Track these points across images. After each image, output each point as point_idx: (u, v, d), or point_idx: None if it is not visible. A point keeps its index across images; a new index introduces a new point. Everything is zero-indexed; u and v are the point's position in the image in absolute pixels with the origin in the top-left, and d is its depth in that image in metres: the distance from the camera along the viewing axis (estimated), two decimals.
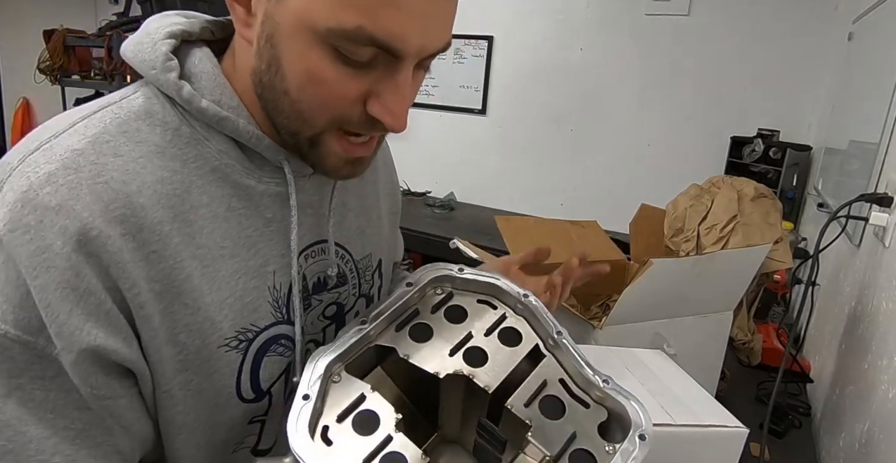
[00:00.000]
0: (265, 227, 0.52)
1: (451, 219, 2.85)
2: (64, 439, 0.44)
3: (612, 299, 1.13)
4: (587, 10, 2.71)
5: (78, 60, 3.83)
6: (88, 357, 0.43)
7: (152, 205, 0.45)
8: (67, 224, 0.41)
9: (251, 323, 0.51)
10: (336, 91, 0.45)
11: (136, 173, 0.45)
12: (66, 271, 0.41)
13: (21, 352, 0.42)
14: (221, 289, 0.49)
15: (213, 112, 0.47)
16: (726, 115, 2.49)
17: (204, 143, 0.48)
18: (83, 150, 0.44)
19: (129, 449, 0.48)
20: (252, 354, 0.51)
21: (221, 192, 0.49)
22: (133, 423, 0.48)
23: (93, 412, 0.45)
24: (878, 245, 1.03)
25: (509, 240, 1.09)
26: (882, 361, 0.88)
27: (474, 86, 3.04)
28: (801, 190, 2.23)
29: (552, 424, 0.44)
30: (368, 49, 0.42)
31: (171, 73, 0.47)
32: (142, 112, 0.47)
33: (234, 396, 0.51)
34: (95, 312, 0.42)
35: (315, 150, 0.49)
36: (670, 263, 0.88)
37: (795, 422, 1.15)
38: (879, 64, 1.35)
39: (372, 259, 0.65)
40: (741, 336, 1.17)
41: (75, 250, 0.41)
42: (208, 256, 0.48)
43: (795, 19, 2.32)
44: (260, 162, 0.51)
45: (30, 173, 0.42)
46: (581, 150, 2.85)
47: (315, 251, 0.57)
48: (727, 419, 0.62)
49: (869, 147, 1.24)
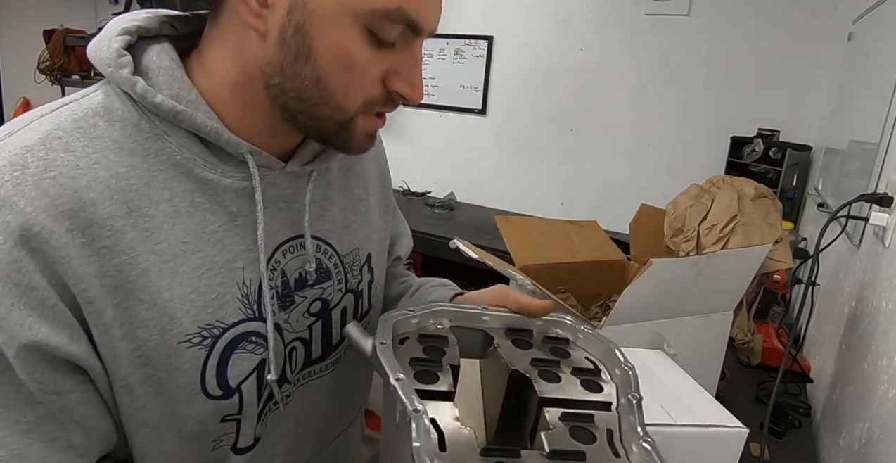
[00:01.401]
0: (231, 221, 0.51)
1: (451, 219, 2.85)
2: (15, 433, 0.44)
3: (612, 299, 1.13)
4: (587, 10, 2.71)
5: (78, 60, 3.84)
6: (31, 352, 0.43)
7: (104, 200, 0.45)
8: (10, 219, 0.41)
9: (217, 319, 0.50)
10: (365, 72, 0.47)
11: (87, 169, 0.45)
12: (8, 266, 0.41)
13: None
14: (182, 284, 0.48)
15: (169, 106, 0.47)
16: (726, 115, 2.49)
17: (164, 139, 0.48)
18: (32, 146, 0.44)
19: (84, 444, 0.48)
20: (219, 351, 0.51)
21: (184, 187, 0.49)
22: (87, 418, 0.47)
23: (45, 407, 0.45)
24: (878, 245, 1.03)
25: (509, 240, 1.10)
26: (882, 361, 0.88)
27: (474, 86, 3.04)
28: (801, 190, 2.23)
29: (571, 444, 0.44)
30: (398, 27, 0.47)
31: (124, 69, 0.47)
32: (100, 109, 0.47)
33: (199, 392, 0.50)
34: (39, 308, 0.42)
35: (344, 132, 0.51)
36: (670, 263, 0.88)
37: (795, 422, 1.15)
38: (879, 64, 1.35)
39: (360, 253, 0.65)
40: (741, 336, 1.17)
41: (17, 245, 0.41)
42: (168, 251, 0.47)
43: (795, 19, 2.32)
44: (224, 157, 0.51)
45: None
46: (581, 150, 2.85)
47: (293, 247, 0.57)
48: (727, 419, 0.62)
49: (869, 147, 1.24)
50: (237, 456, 0.56)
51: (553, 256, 1.12)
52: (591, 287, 1.14)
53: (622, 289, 0.82)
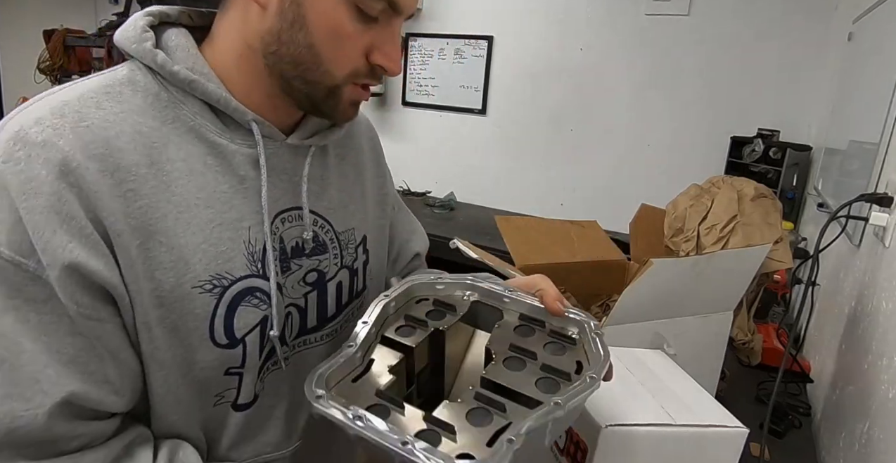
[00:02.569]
0: (239, 184, 0.57)
1: (451, 219, 2.85)
2: (56, 362, 0.48)
3: (612, 299, 1.13)
4: (587, 10, 2.71)
5: (78, 60, 3.84)
6: (72, 274, 0.47)
7: (130, 150, 0.51)
8: (51, 156, 0.47)
9: (226, 271, 0.55)
10: (350, 42, 0.54)
11: (115, 123, 0.51)
12: (50, 196, 0.47)
13: (15, 273, 0.47)
14: (196, 234, 0.53)
15: (184, 76, 0.54)
16: (726, 115, 2.49)
17: (180, 106, 0.55)
18: (68, 101, 0.51)
19: (118, 380, 0.52)
20: (227, 301, 0.55)
21: (197, 149, 0.55)
22: (120, 350, 0.52)
23: (84, 339, 0.49)
24: (878, 245, 1.03)
25: (509, 240, 1.10)
26: (882, 361, 0.88)
27: (474, 86, 3.04)
28: (801, 190, 2.23)
29: (455, 418, 0.47)
30: (380, 4, 0.53)
31: (147, 42, 0.54)
32: (125, 80, 0.54)
33: (208, 338, 0.55)
34: (78, 235, 0.47)
35: (332, 98, 0.57)
36: (670, 263, 0.88)
37: (795, 422, 1.15)
38: (879, 64, 1.35)
39: (355, 233, 0.70)
40: (741, 336, 1.17)
41: (58, 178, 0.47)
42: (183, 203, 0.53)
43: (795, 19, 2.32)
44: (232, 125, 0.57)
45: (22, 119, 0.49)
46: (581, 150, 2.85)
47: (291, 216, 0.62)
48: (727, 419, 0.62)
49: (869, 147, 1.24)
50: (236, 413, 0.60)
51: (553, 256, 1.12)
52: (591, 287, 1.14)
53: (622, 289, 0.82)
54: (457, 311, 0.59)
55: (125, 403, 0.54)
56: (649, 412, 0.61)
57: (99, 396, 0.51)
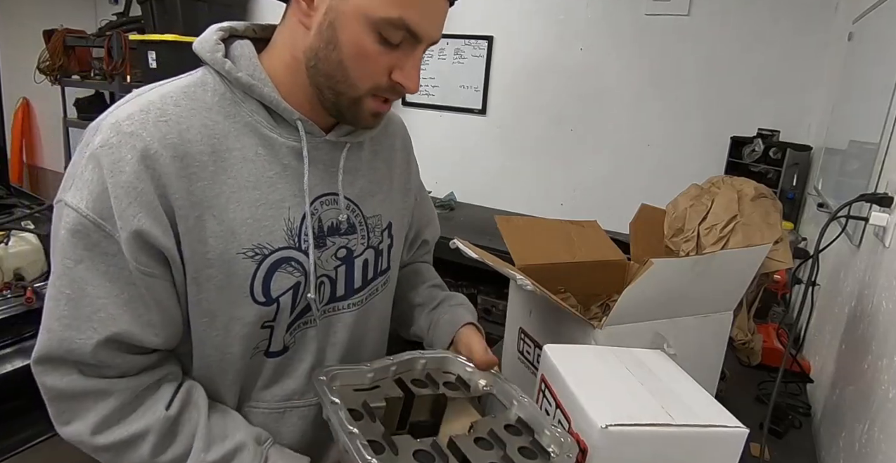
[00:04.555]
0: (283, 171, 0.69)
1: (451, 219, 2.85)
2: (114, 303, 0.62)
3: (612, 299, 1.13)
4: (587, 10, 2.71)
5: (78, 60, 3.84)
6: (137, 238, 0.60)
7: (197, 141, 0.64)
8: (136, 143, 0.60)
9: (267, 242, 0.67)
10: (374, 62, 0.64)
11: (188, 118, 0.64)
12: (131, 175, 0.60)
13: (95, 231, 0.60)
14: (244, 210, 0.66)
15: (245, 80, 0.66)
16: (726, 115, 2.49)
17: (241, 105, 0.67)
18: (153, 100, 0.64)
19: (160, 324, 0.66)
20: (266, 266, 0.68)
21: (251, 141, 0.67)
22: (164, 300, 0.65)
23: (137, 289, 0.63)
24: (878, 245, 1.03)
25: (509, 240, 1.09)
26: (882, 361, 0.88)
27: (474, 86, 3.04)
28: (801, 190, 2.23)
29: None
30: (400, 33, 0.63)
31: (218, 53, 0.67)
32: (199, 82, 0.67)
33: (248, 296, 0.67)
34: (146, 207, 0.60)
35: (355, 107, 0.68)
36: (670, 263, 0.88)
37: (795, 422, 1.15)
38: (879, 64, 1.35)
39: (382, 219, 0.82)
40: (741, 336, 1.17)
41: (138, 161, 0.60)
42: (236, 184, 0.66)
43: (795, 19, 2.31)
44: (282, 123, 0.69)
45: (119, 113, 0.63)
46: (581, 150, 2.85)
47: (328, 200, 0.74)
48: (727, 419, 0.62)
49: (869, 147, 1.24)
50: (268, 359, 0.74)
51: (553, 256, 1.12)
52: (591, 287, 1.14)
53: (622, 289, 0.82)
54: (471, 391, 0.72)
55: (162, 342, 0.67)
56: (649, 412, 0.61)
57: (142, 334, 0.64)
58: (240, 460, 0.67)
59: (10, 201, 1.96)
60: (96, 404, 0.64)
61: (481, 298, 2.70)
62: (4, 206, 1.88)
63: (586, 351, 0.76)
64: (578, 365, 0.70)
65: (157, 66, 3.09)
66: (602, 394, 0.64)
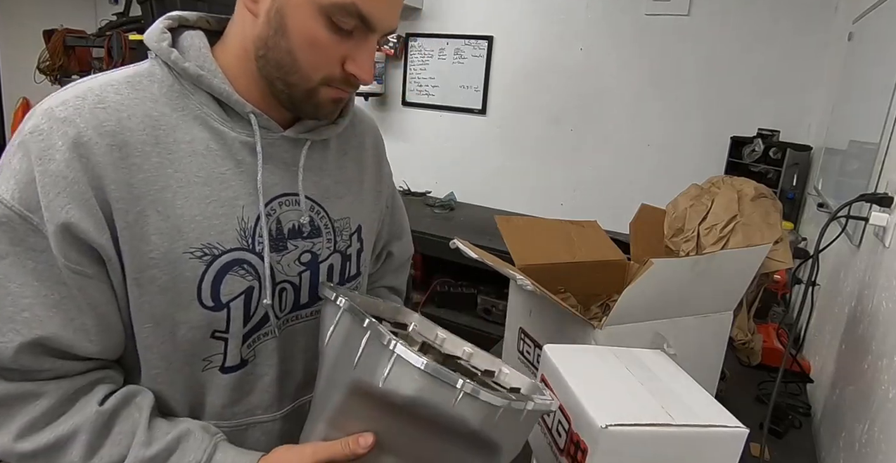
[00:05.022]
0: (237, 167, 0.64)
1: (451, 219, 2.85)
2: (42, 304, 0.56)
3: (612, 299, 1.13)
4: (587, 10, 2.71)
5: (78, 60, 3.83)
6: (66, 231, 0.55)
7: (139, 130, 0.59)
8: (68, 130, 0.56)
9: (218, 242, 0.62)
10: (325, 51, 0.60)
11: (129, 106, 0.59)
12: (61, 163, 0.55)
13: (21, 224, 0.55)
14: (192, 207, 0.61)
15: (193, 71, 0.61)
16: (726, 115, 2.49)
17: (190, 97, 0.62)
18: (92, 87, 0.59)
19: (95, 330, 0.60)
20: (216, 268, 0.62)
21: (202, 135, 0.62)
22: (100, 304, 0.59)
23: (69, 289, 0.57)
24: (878, 245, 1.03)
25: (509, 240, 1.09)
26: (882, 361, 0.88)
27: (474, 86, 3.04)
28: (801, 190, 2.23)
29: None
30: (352, 20, 0.59)
31: (164, 42, 0.62)
32: (145, 72, 0.63)
33: (195, 299, 0.62)
34: (77, 199, 0.55)
35: (310, 99, 0.63)
36: (670, 263, 0.88)
37: (795, 422, 1.15)
38: (879, 64, 1.35)
39: (350, 222, 0.76)
40: (741, 336, 1.17)
41: (70, 149, 0.55)
42: (184, 179, 0.60)
43: (795, 19, 2.32)
44: (234, 116, 0.64)
45: (52, 100, 0.58)
46: (581, 150, 2.85)
47: (288, 201, 0.68)
48: (727, 419, 0.62)
49: (869, 147, 1.24)
50: (224, 375, 0.67)
51: (553, 256, 1.12)
52: (591, 287, 1.14)
53: (622, 289, 0.82)
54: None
55: (99, 350, 0.61)
56: (649, 412, 0.61)
57: (73, 340, 0.58)
58: (185, 448, 0.61)
59: None
60: (22, 408, 0.57)
61: (481, 298, 2.70)
62: None
63: (586, 351, 0.76)
64: (578, 365, 0.70)
65: None
66: (602, 394, 0.64)
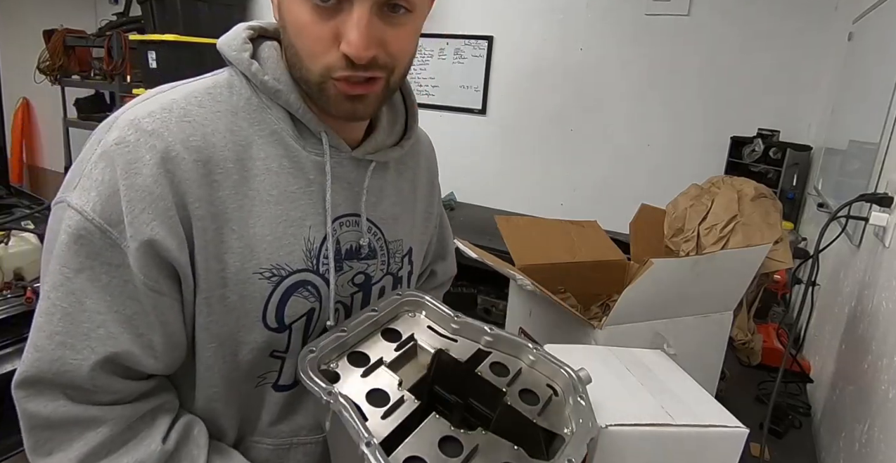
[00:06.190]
0: (307, 186, 0.63)
1: (451, 219, 2.83)
2: (114, 320, 0.56)
3: (612, 299, 1.13)
4: (587, 10, 2.71)
5: (78, 60, 3.84)
6: (149, 248, 0.54)
7: (221, 145, 0.58)
8: (156, 144, 0.55)
9: (286, 263, 0.61)
10: (313, 33, 0.56)
11: (213, 120, 0.59)
12: (148, 178, 0.54)
13: (100, 238, 0.54)
14: (264, 226, 0.60)
15: (272, 85, 0.61)
16: (726, 115, 2.49)
17: (267, 112, 0.62)
18: (177, 99, 0.58)
19: (161, 347, 0.59)
20: (282, 290, 0.61)
21: (276, 151, 0.61)
22: (171, 322, 0.58)
23: (142, 305, 0.56)
24: (878, 245, 1.03)
25: (509, 240, 1.10)
26: (882, 361, 0.88)
27: (474, 86, 3.04)
28: (801, 190, 2.23)
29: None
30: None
31: (245, 53, 0.62)
32: (225, 83, 0.62)
33: (260, 320, 0.61)
34: (162, 215, 0.54)
35: (322, 94, 0.59)
36: (670, 263, 0.88)
37: (795, 422, 1.15)
38: (879, 64, 1.35)
39: (403, 244, 0.75)
40: (741, 336, 1.17)
41: (158, 164, 0.54)
42: (258, 197, 0.60)
43: (795, 19, 2.31)
44: (307, 134, 0.64)
45: (137, 110, 0.57)
46: (581, 150, 2.85)
47: (349, 221, 0.68)
48: (727, 419, 0.62)
49: (869, 147, 1.24)
50: (276, 393, 0.66)
51: (553, 256, 1.12)
52: (591, 287, 1.14)
53: (622, 289, 0.82)
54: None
55: (162, 367, 0.60)
56: (649, 412, 0.61)
57: (141, 356, 0.57)
58: None
59: (10, 201, 1.97)
60: (84, 434, 0.57)
61: (481, 298, 2.70)
62: (4, 206, 1.89)
63: (586, 351, 0.76)
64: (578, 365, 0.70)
65: (157, 66, 3.08)
66: (602, 394, 0.64)
